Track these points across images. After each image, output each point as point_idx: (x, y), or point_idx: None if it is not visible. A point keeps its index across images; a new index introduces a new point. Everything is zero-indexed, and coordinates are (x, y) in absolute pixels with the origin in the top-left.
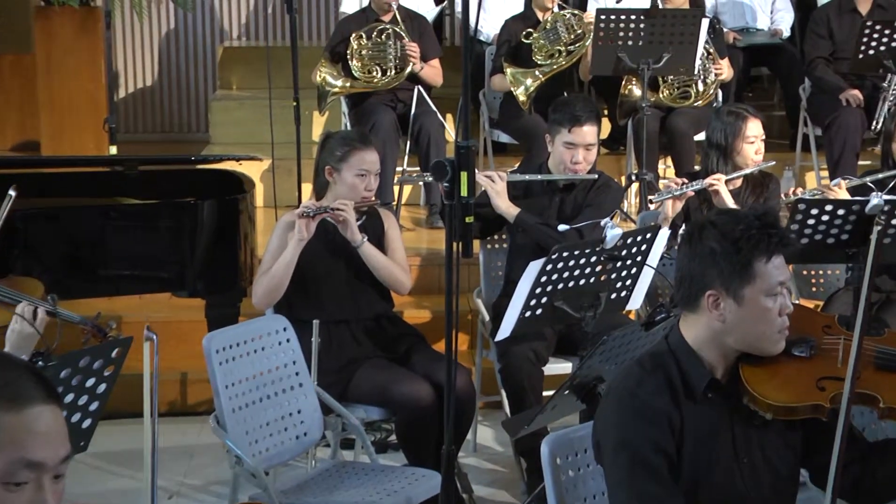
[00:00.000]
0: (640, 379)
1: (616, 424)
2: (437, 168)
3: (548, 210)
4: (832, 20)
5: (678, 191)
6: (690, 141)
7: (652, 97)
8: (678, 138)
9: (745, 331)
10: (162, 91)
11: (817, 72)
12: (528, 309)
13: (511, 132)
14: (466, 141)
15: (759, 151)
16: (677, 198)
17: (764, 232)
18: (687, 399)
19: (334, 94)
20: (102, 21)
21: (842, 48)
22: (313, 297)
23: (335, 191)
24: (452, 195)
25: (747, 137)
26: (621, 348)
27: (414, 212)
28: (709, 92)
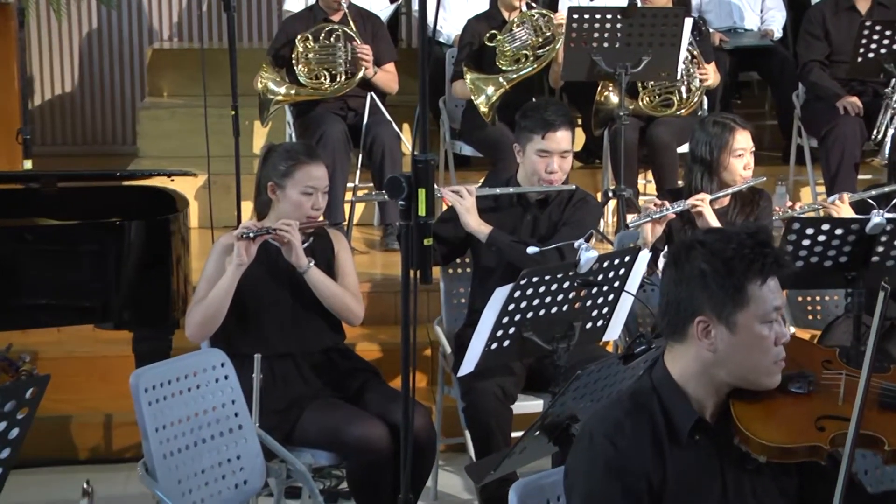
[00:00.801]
0: (618, 423)
1: (586, 475)
2: (392, 184)
3: (520, 229)
4: (828, 20)
5: (657, 213)
6: (673, 153)
7: (630, 105)
8: (659, 150)
9: (739, 361)
10: (83, 98)
11: (812, 77)
12: (494, 340)
13: (475, 144)
14: (425, 154)
15: (748, 166)
16: (657, 221)
17: (758, 251)
18: (671, 443)
19: (277, 102)
20: (15, 20)
21: (839, 50)
22: (254, 328)
23: (278, 210)
24: (409, 215)
25: (735, 151)
26: (597, 384)
27: (367, 233)
28: (693, 99)
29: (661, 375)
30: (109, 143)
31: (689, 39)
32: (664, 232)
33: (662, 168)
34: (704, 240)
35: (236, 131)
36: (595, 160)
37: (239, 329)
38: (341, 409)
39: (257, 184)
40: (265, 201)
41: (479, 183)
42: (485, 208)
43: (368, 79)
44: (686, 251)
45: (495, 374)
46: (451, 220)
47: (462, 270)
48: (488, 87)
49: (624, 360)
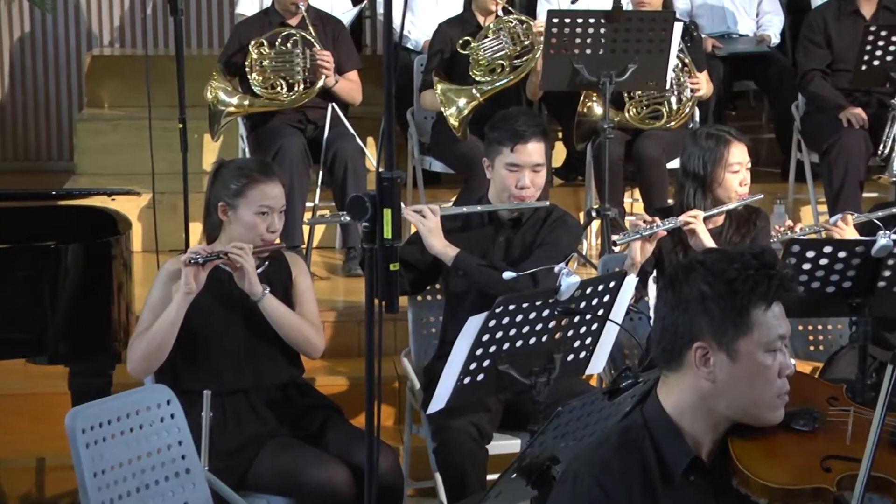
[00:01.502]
0: (605, 463)
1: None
2: (354, 204)
3: (491, 252)
4: (830, 25)
5: (647, 230)
6: (662, 169)
7: (615, 117)
8: (647, 166)
9: (740, 393)
10: (15, 109)
11: (813, 86)
12: (468, 374)
13: (446, 159)
14: (391, 171)
15: (744, 182)
16: (646, 239)
17: (763, 273)
18: (664, 485)
19: (229, 114)
20: None
21: (842, 58)
22: (204, 362)
23: (230, 232)
24: (373, 238)
25: (730, 165)
26: (580, 421)
27: (328, 256)
28: (684, 111)
29: (653, 410)
30: (44, 159)
31: (679, 46)
32: (652, 254)
33: (650, 185)
34: (705, 260)
35: (184, 146)
36: (577, 177)
37: (187, 363)
38: (299, 450)
39: (207, 203)
40: (215, 223)
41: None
42: (453, 229)
43: (329, 88)
44: (685, 272)
45: (469, 411)
46: (417, 242)
47: (432, 298)
48: (460, 99)
49: (609, 396)
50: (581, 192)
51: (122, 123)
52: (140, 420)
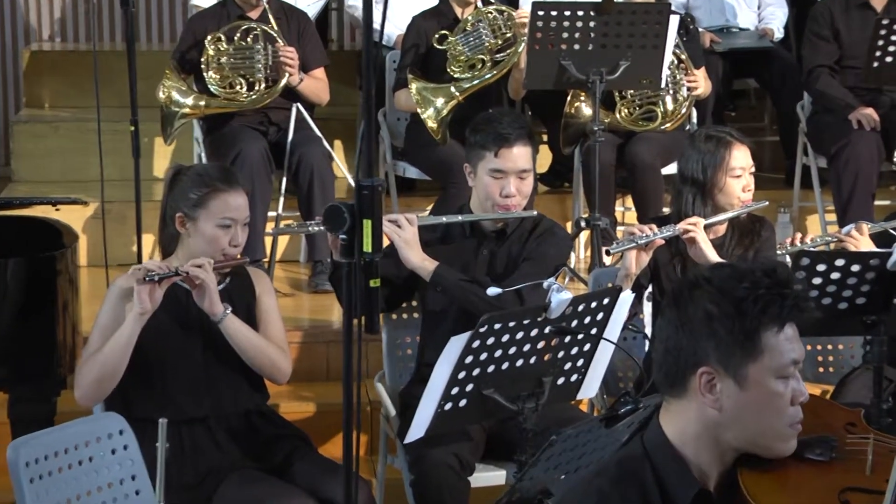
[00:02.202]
0: (603, 495)
1: None
2: (331, 215)
3: (473, 266)
4: (837, 18)
5: (643, 239)
6: (656, 175)
7: (606, 118)
8: (640, 172)
9: (748, 422)
10: None
11: (819, 84)
12: (449, 400)
13: (421, 165)
14: (371, 179)
15: (747, 188)
16: (642, 248)
17: (775, 292)
18: None
19: (184, 115)
20: None
21: (851, 54)
22: (159, 388)
23: (189, 246)
24: (352, 251)
25: (732, 170)
26: (574, 452)
27: (292, 271)
28: (680, 111)
29: (655, 438)
30: None
31: (675, 41)
32: (648, 266)
33: (644, 192)
34: (712, 277)
35: (136, 150)
36: (564, 184)
37: (140, 389)
38: (264, 482)
39: (162, 214)
40: (172, 235)
41: (427, 211)
42: (431, 241)
43: (293, 87)
44: (690, 289)
45: (449, 439)
46: (392, 255)
47: (408, 316)
48: (437, 99)
49: (606, 423)
50: (568, 201)
51: (66, 126)
52: (89, 452)
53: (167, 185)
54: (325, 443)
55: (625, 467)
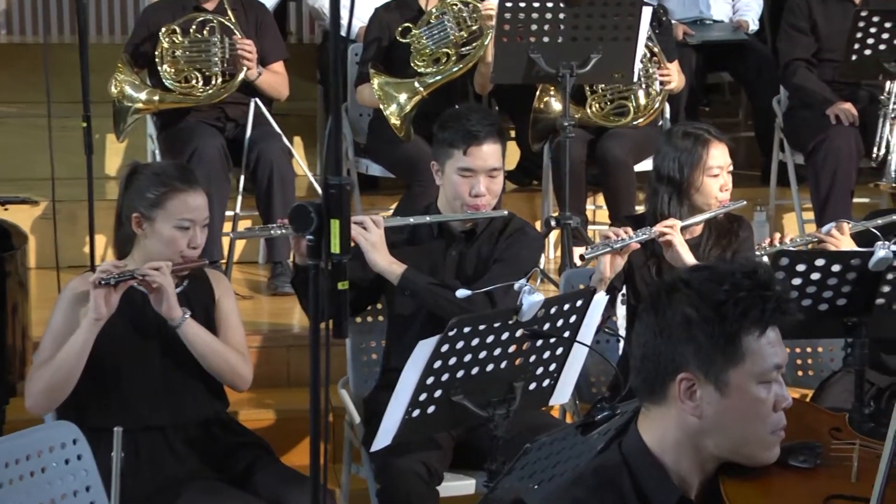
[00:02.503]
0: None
1: None
2: (298, 215)
3: (441, 268)
4: (815, 9)
5: (618, 243)
6: (628, 172)
7: (576, 114)
8: (612, 169)
9: (729, 430)
10: None
11: (796, 78)
12: (417, 406)
13: (384, 162)
14: (339, 177)
15: (725, 187)
16: (617, 252)
17: (756, 294)
18: None
19: (137, 111)
20: None
21: (829, 46)
22: (114, 396)
23: (145, 247)
24: (319, 252)
25: (710, 169)
26: (549, 460)
27: (250, 273)
28: (652, 106)
29: (633, 446)
30: None
31: (647, 33)
32: (622, 268)
33: (616, 190)
34: (690, 279)
35: (88, 147)
36: (532, 181)
37: (94, 397)
38: (224, 493)
39: (118, 214)
40: (128, 236)
41: (391, 210)
42: (398, 243)
43: (251, 81)
44: (667, 293)
45: (416, 448)
46: (357, 257)
47: (373, 320)
48: (401, 94)
49: (582, 430)
50: (537, 199)
51: (13, 122)
52: (41, 463)
53: (123, 184)
54: (287, 452)
55: (602, 475)
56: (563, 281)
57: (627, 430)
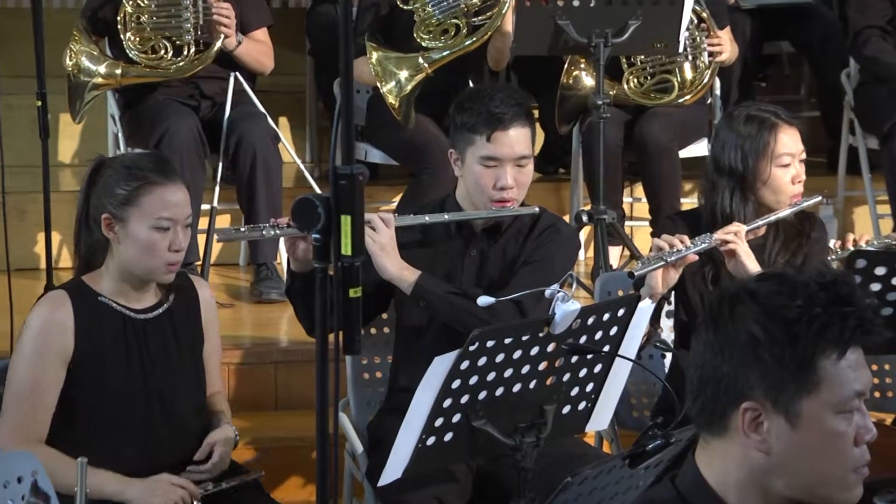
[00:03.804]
0: None
1: None
2: (302, 210)
3: (460, 271)
4: None
5: (672, 256)
6: (672, 158)
7: (612, 90)
8: (653, 155)
9: (803, 468)
10: None
11: (869, 49)
12: (432, 433)
13: (386, 147)
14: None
15: (797, 179)
16: (672, 265)
17: (835, 311)
18: None
19: (96, 86)
20: None
21: None
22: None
23: (120, 255)
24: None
25: (779, 157)
26: (591, 497)
27: (229, 276)
28: (700, 81)
29: (691, 480)
30: None
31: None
32: None
33: (658, 180)
34: (757, 291)
35: (44, 130)
36: (559, 169)
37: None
38: None
39: (81, 217)
40: (98, 243)
41: (394, 204)
42: (409, 243)
43: (230, 52)
44: (730, 305)
45: (430, 482)
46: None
47: (377, 331)
48: (402, 71)
49: (630, 462)
50: (565, 190)
51: None
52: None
53: (88, 181)
54: (275, 487)
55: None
56: (597, 287)
57: (681, 463)
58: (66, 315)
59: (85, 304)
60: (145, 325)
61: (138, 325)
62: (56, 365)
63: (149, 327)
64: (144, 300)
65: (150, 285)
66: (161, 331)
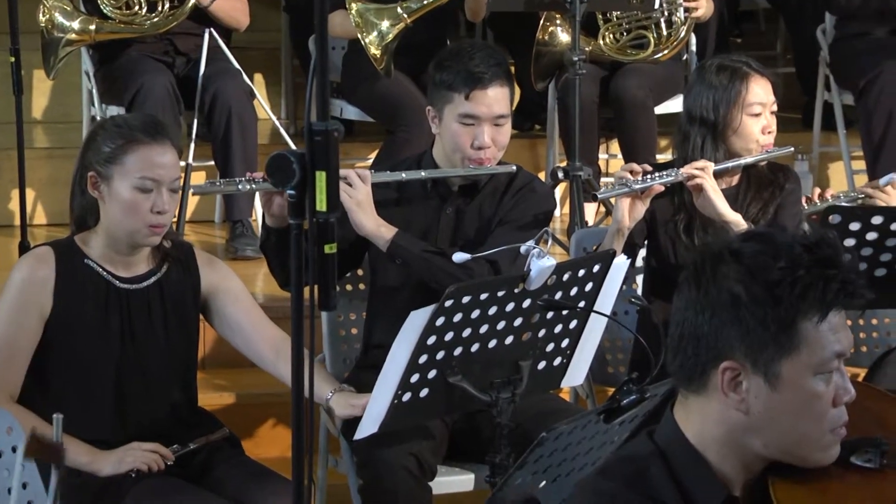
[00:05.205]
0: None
1: None
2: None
3: (436, 229)
4: None
5: (638, 183)
6: (648, 114)
7: (587, 46)
8: (629, 111)
9: (781, 429)
10: None
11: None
12: (408, 389)
13: (361, 103)
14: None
15: (767, 129)
16: (637, 195)
17: (817, 273)
18: None
19: (70, 42)
20: None
21: None
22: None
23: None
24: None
25: (749, 106)
26: (567, 452)
27: (204, 233)
28: (676, 37)
29: (669, 436)
30: None
31: None
32: (643, 221)
33: (634, 136)
34: (741, 250)
35: (17, 86)
36: (535, 126)
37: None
38: (180, 493)
39: (76, 177)
40: (90, 205)
41: (369, 161)
42: (385, 201)
43: (204, 8)
44: (713, 265)
45: (405, 437)
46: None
47: (353, 288)
48: (382, 21)
49: (605, 417)
50: (541, 147)
51: None
52: None
53: (85, 143)
54: (250, 443)
55: (632, 468)
56: (573, 243)
57: (657, 418)
58: (48, 272)
59: (69, 263)
60: (129, 294)
61: (122, 294)
62: (33, 321)
63: (132, 297)
64: (134, 269)
65: (139, 252)
66: (147, 302)
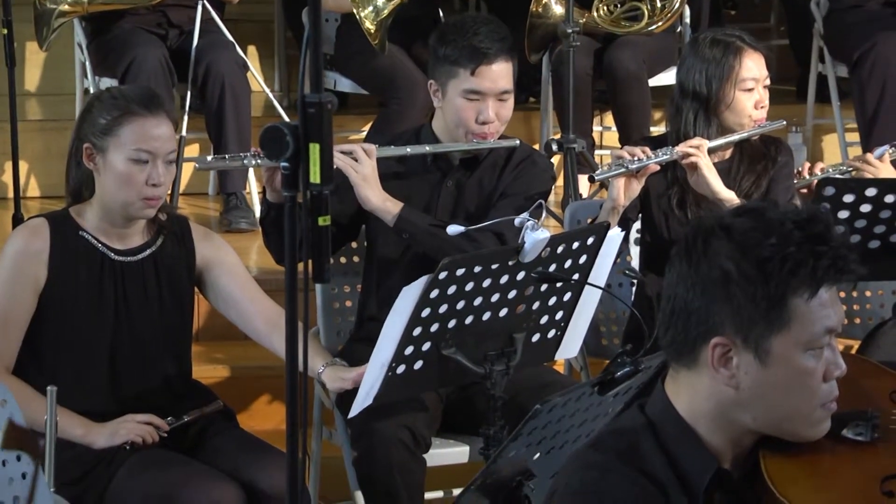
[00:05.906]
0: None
1: None
2: (270, 138)
3: (436, 202)
4: None
5: (634, 164)
6: (642, 87)
7: (581, 18)
8: (623, 83)
9: (771, 404)
10: None
11: None
12: (402, 361)
13: (355, 76)
14: (318, 94)
15: (760, 104)
16: (633, 175)
17: (808, 250)
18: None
19: (63, 14)
20: None
21: None
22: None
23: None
24: (296, 182)
25: (743, 81)
26: (560, 423)
27: (198, 206)
28: (670, 9)
29: (660, 408)
30: None
31: None
32: (637, 196)
33: (628, 108)
34: (732, 226)
35: (10, 58)
36: (529, 98)
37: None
38: (174, 465)
39: (72, 149)
40: (86, 177)
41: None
42: (385, 174)
43: None
44: (704, 239)
45: (400, 410)
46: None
47: (347, 260)
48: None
49: (599, 389)
50: (535, 119)
51: None
52: None
53: (80, 113)
54: (245, 416)
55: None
56: (567, 215)
57: (650, 390)
58: (42, 243)
59: (63, 235)
60: (123, 267)
61: (116, 267)
62: (27, 293)
63: (127, 269)
64: (128, 241)
65: (134, 225)
66: (142, 275)
